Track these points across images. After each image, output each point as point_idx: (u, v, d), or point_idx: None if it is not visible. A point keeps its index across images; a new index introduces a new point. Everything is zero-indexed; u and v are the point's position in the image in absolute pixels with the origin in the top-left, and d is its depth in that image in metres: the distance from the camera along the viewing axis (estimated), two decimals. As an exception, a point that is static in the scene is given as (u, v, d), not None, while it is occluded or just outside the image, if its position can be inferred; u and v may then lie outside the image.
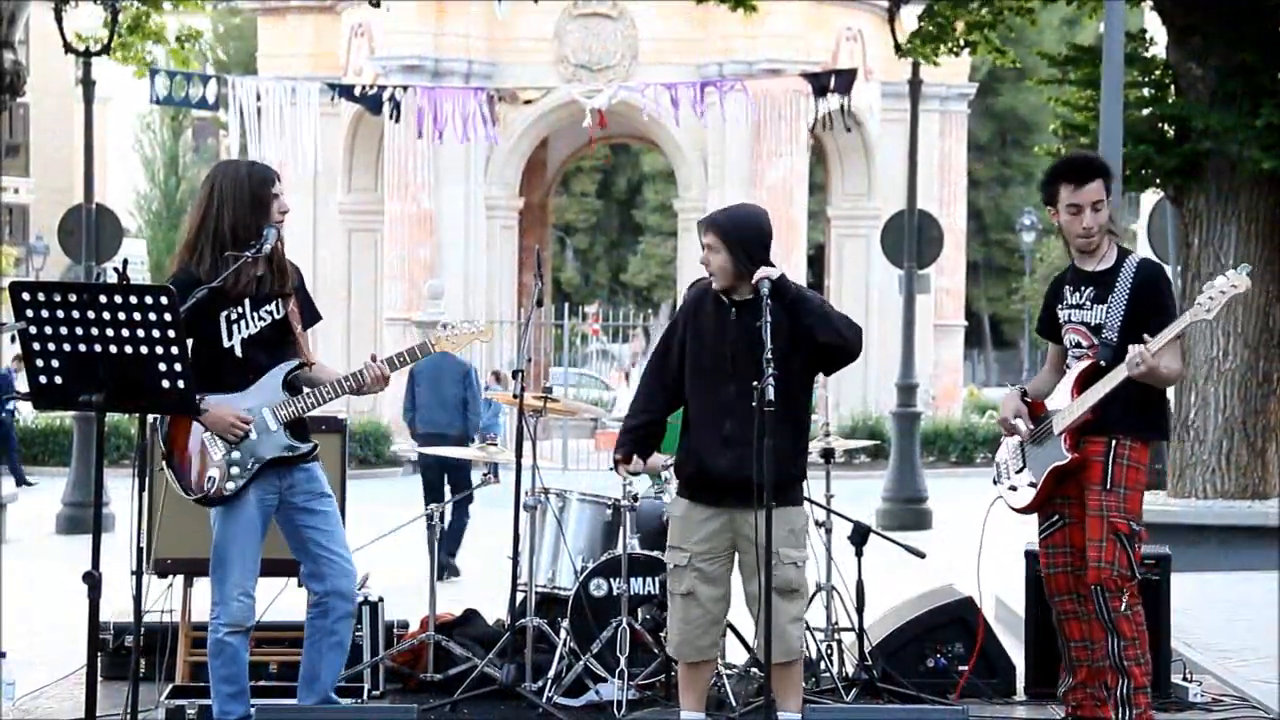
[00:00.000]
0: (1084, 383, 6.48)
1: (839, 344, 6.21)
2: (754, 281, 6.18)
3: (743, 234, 6.30)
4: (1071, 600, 6.64)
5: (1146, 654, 6.49)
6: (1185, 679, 7.58)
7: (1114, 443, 6.46)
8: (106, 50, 17.43)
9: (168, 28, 17.98)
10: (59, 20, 17.33)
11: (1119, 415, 6.44)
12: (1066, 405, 6.50)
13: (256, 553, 6.21)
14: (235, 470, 6.09)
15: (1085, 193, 6.52)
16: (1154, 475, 15.77)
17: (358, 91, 22.64)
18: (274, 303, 6.19)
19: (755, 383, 5.89)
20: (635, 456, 6.57)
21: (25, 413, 26.89)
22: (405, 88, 22.69)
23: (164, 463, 6.13)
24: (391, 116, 22.52)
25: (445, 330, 6.71)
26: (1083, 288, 6.59)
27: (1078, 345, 6.60)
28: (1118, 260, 6.57)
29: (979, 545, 6.97)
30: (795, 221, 31.13)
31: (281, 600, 7.75)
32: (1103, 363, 6.45)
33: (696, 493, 6.36)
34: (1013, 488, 6.73)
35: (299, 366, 6.25)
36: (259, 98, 21.68)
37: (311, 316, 6.41)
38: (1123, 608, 6.39)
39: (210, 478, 6.09)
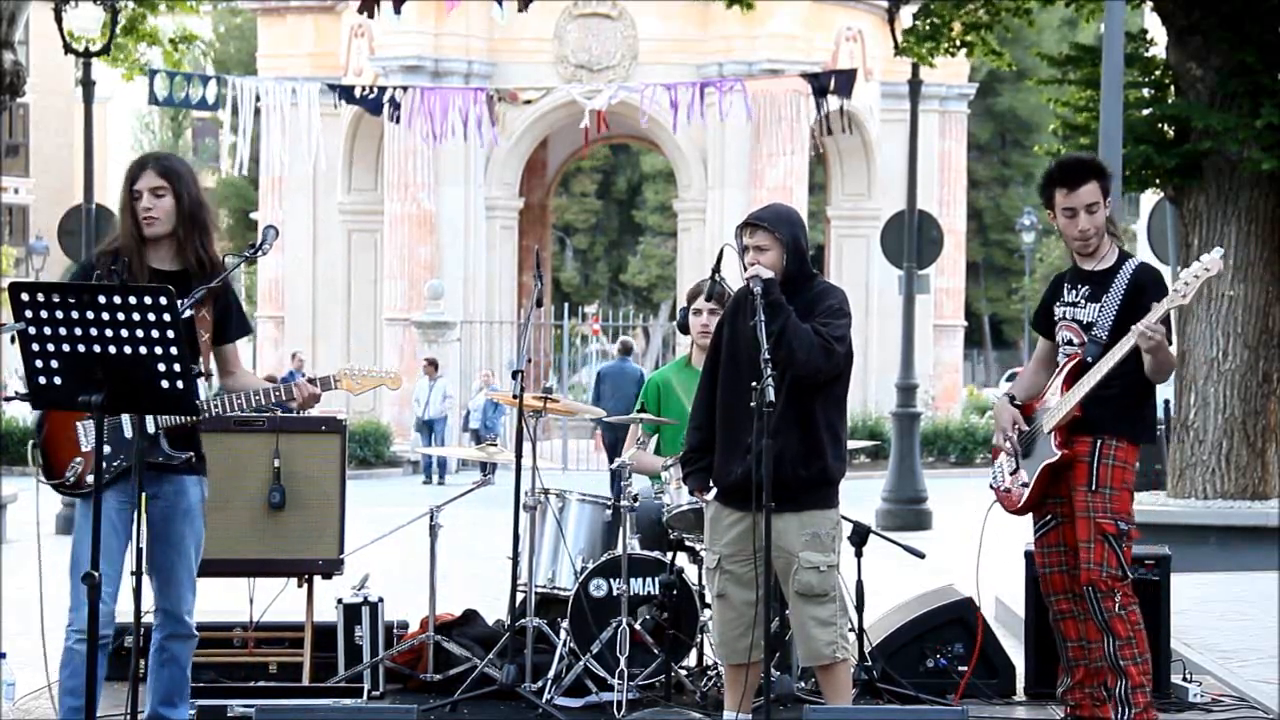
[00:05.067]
0: (1071, 380, 6.48)
1: (790, 364, 6.09)
2: (746, 279, 6.16)
3: (794, 230, 6.26)
4: (1067, 600, 6.64)
5: (1145, 653, 6.48)
6: (1185, 679, 7.58)
7: (1099, 443, 6.44)
8: (105, 51, 17.43)
9: (161, 31, 17.96)
10: (59, 20, 17.34)
11: (1106, 415, 6.43)
12: (1055, 403, 6.50)
13: (118, 555, 5.87)
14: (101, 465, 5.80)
15: (1079, 196, 6.49)
16: (1154, 475, 15.80)
17: (358, 93, 22.64)
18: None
19: (754, 383, 5.87)
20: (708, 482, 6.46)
21: (24, 413, 26.90)
22: (405, 88, 22.70)
23: (33, 446, 5.90)
24: (391, 118, 22.52)
25: (353, 371, 6.33)
26: (1080, 285, 6.59)
27: (1069, 342, 6.59)
28: (1118, 261, 6.56)
29: (978, 548, 6.96)
30: (795, 222, 31.14)
31: (281, 600, 7.77)
32: (1089, 359, 6.43)
33: (724, 496, 6.35)
34: (1006, 489, 6.71)
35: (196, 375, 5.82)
36: (259, 98, 21.72)
37: (236, 330, 6.11)
38: (1115, 608, 6.38)
39: (74, 466, 5.89)
